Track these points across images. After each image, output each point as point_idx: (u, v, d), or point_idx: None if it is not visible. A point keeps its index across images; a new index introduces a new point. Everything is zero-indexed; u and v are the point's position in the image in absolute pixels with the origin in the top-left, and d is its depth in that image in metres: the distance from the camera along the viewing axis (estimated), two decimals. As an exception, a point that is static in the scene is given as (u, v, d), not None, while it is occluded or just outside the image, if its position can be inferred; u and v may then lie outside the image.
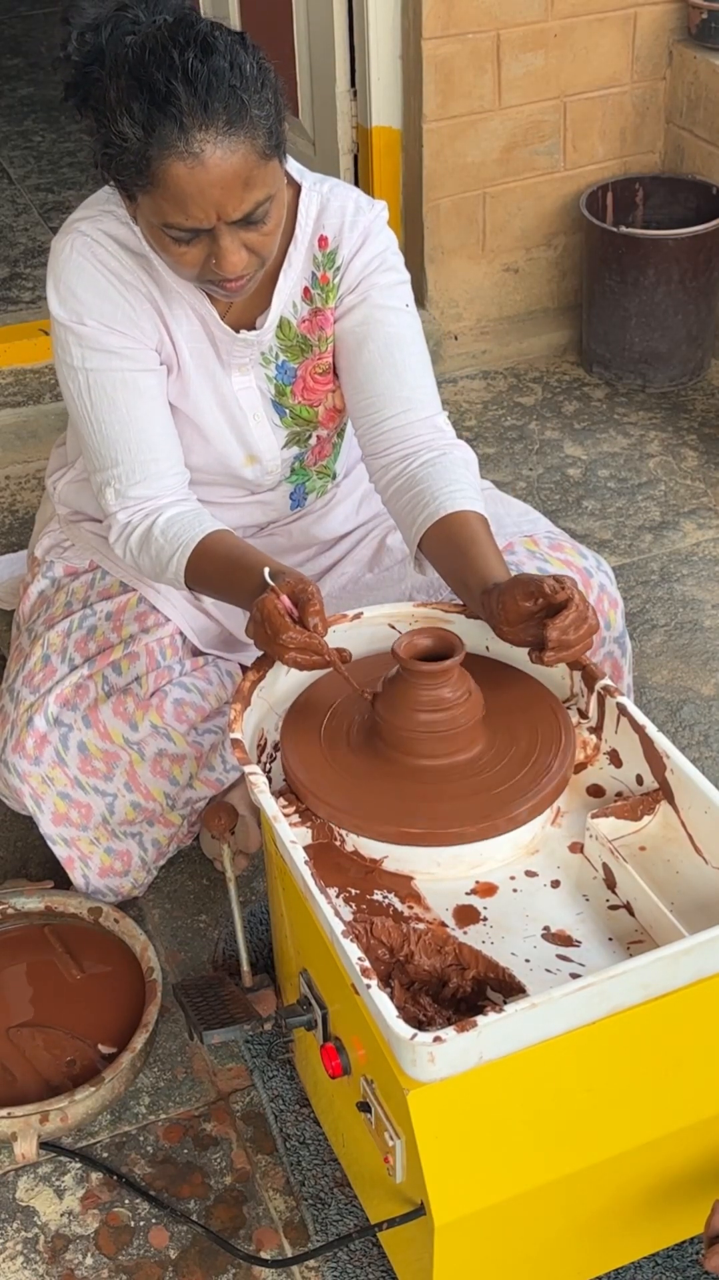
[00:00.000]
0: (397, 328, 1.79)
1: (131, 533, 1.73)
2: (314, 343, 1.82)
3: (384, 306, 1.79)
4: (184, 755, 1.87)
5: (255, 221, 1.56)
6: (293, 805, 1.48)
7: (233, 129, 1.49)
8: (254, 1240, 1.61)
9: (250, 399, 1.83)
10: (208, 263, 1.58)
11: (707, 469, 2.93)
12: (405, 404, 1.77)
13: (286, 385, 1.84)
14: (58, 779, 1.81)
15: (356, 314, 1.79)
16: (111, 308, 1.70)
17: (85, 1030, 1.77)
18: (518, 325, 3.32)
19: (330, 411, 1.90)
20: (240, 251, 1.57)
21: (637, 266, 3.02)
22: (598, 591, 1.87)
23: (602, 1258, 1.48)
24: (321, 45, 3.06)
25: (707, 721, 2.29)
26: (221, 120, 1.48)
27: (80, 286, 1.70)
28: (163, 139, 1.48)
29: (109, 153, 1.54)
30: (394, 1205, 1.36)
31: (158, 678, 1.86)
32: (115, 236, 1.70)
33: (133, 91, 1.49)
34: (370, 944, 1.37)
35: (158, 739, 1.85)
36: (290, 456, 1.90)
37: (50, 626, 1.89)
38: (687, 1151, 1.38)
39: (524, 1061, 1.25)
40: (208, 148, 1.48)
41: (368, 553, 2.02)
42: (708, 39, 3.05)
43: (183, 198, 1.51)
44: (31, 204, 3.97)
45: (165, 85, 1.47)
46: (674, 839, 1.47)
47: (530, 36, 2.96)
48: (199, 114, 1.47)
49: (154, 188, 1.52)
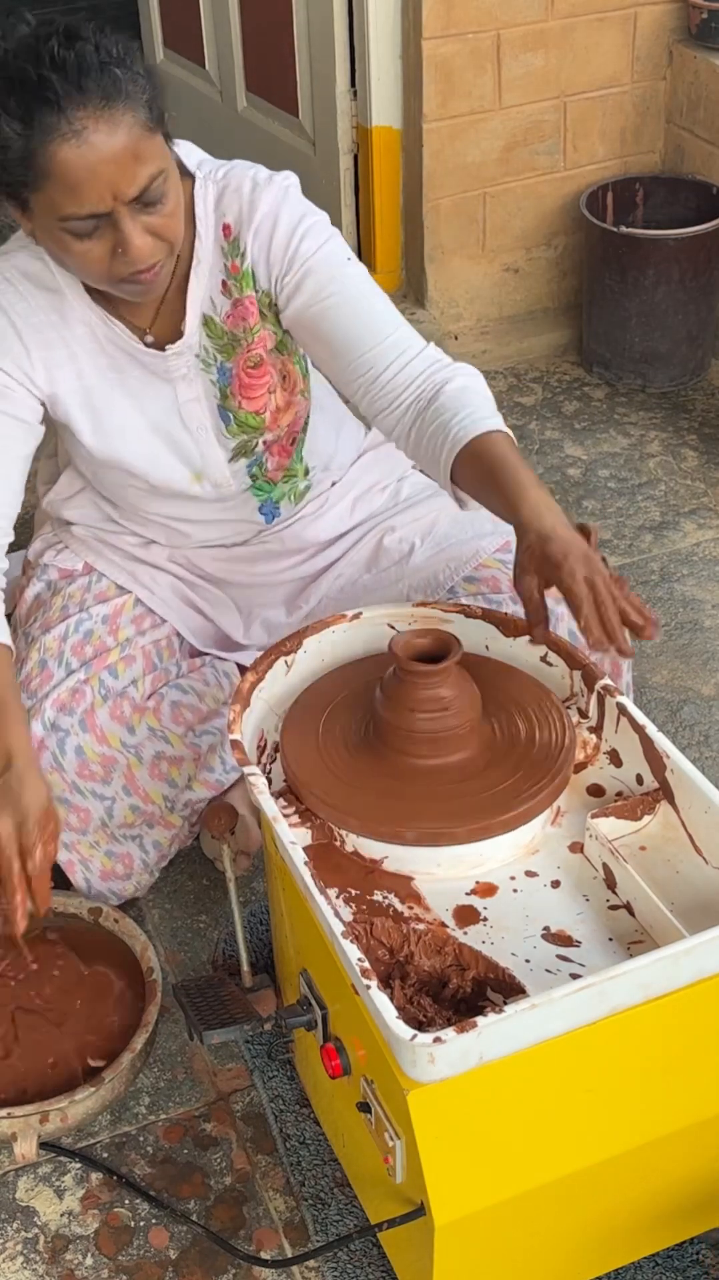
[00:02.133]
0: (351, 285, 1.72)
1: None
2: (241, 335, 1.77)
3: (329, 272, 1.71)
4: (182, 757, 1.87)
5: (152, 202, 1.53)
6: (293, 806, 1.48)
7: (110, 104, 1.47)
8: (254, 1240, 1.61)
9: (196, 411, 1.79)
10: (115, 256, 1.55)
11: (707, 469, 2.93)
12: (395, 350, 1.70)
13: (228, 386, 1.80)
14: (56, 784, 1.81)
15: (306, 289, 1.72)
16: (3, 344, 1.69)
17: (85, 1030, 1.77)
18: (518, 325, 3.32)
19: (276, 414, 1.85)
20: (144, 236, 1.54)
21: (637, 266, 3.02)
22: None
23: (602, 1258, 1.48)
24: (322, 45, 3.06)
25: (707, 721, 2.29)
26: (97, 97, 1.46)
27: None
28: (44, 126, 1.46)
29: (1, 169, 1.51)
30: (394, 1205, 1.36)
31: (154, 680, 1.86)
32: (27, 272, 1.69)
33: (6, 90, 1.47)
34: (370, 944, 1.37)
35: (155, 741, 1.85)
36: (241, 470, 1.86)
37: (46, 630, 1.88)
38: (687, 1152, 1.38)
39: (524, 1062, 1.25)
40: (89, 124, 1.46)
41: (365, 554, 2.02)
42: (708, 39, 3.05)
43: (74, 182, 1.48)
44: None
45: (36, 75, 1.45)
46: (674, 839, 1.47)
47: (530, 36, 2.96)
48: (74, 94, 1.45)
49: (45, 180, 1.49)
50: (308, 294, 1.72)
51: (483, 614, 1.65)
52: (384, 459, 2.07)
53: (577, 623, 1.42)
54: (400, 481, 2.05)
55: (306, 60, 3.15)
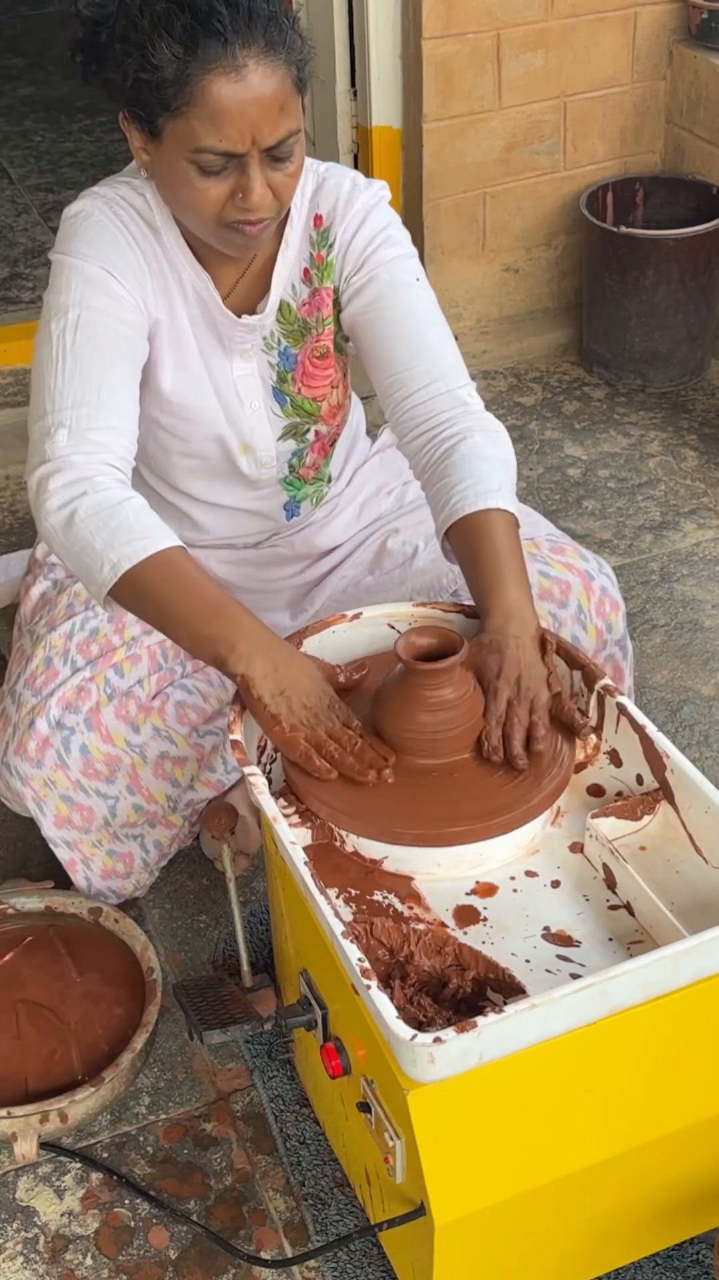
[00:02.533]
0: (409, 302, 1.76)
1: (88, 491, 1.57)
2: (313, 325, 1.81)
3: (393, 283, 1.76)
4: (186, 757, 1.87)
5: (282, 158, 1.56)
6: (293, 806, 1.48)
7: (273, 51, 1.50)
8: (254, 1240, 1.61)
9: (250, 386, 1.81)
10: (230, 200, 1.57)
11: (707, 469, 2.93)
12: (426, 377, 1.73)
13: (288, 372, 1.83)
14: (60, 782, 1.81)
15: (367, 293, 1.76)
16: (121, 260, 1.68)
17: (85, 1030, 1.77)
18: (518, 325, 3.32)
19: (332, 409, 1.89)
20: (265, 188, 1.56)
21: (637, 266, 3.02)
22: (599, 595, 1.87)
23: (602, 1258, 1.48)
24: (322, 45, 3.06)
25: (707, 721, 2.29)
26: (262, 41, 1.50)
27: (95, 234, 1.68)
28: (206, 54, 1.48)
29: (142, 78, 1.52)
30: (394, 1205, 1.36)
31: (160, 680, 1.86)
32: (133, 204, 1.70)
33: (172, 13, 1.49)
34: (370, 944, 1.37)
35: (160, 741, 1.85)
36: (287, 451, 1.88)
37: (52, 628, 1.88)
38: (687, 1152, 1.38)
39: (524, 1062, 1.25)
40: (250, 63, 1.49)
41: (369, 555, 2.02)
42: (708, 39, 3.05)
43: (221, 115, 1.50)
44: (31, 204, 3.97)
45: (207, 5, 1.48)
46: (674, 839, 1.47)
47: (530, 36, 2.96)
48: (243, 31, 1.48)
49: (191, 107, 1.51)
50: (367, 299, 1.76)
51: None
52: (389, 462, 2.08)
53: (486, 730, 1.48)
54: (405, 485, 2.06)
55: (306, 60, 3.15)
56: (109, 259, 1.67)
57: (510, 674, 1.51)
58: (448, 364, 1.75)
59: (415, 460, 1.75)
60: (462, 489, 1.65)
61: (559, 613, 1.82)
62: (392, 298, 1.76)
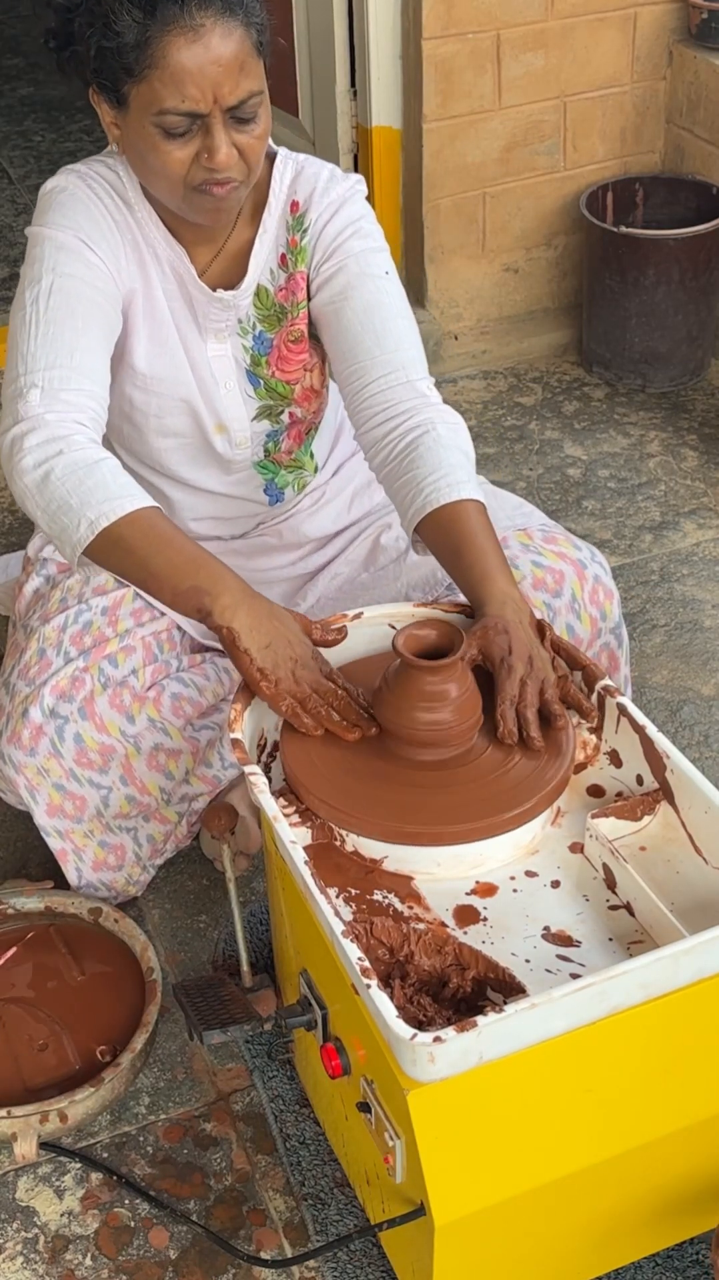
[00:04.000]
0: (375, 294, 1.78)
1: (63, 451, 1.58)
2: (288, 309, 1.82)
3: (362, 274, 1.78)
4: (180, 750, 1.87)
5: (245, 119, 1.59)
6: (293, 805, 1.48)
7: (230, 13, 1.54)
8: (254, 1240, 1.61)
9: (224, 367, 1.83)
10: (196, 162, 1.60)
11: (707, 469, 2.93)
12: (386, 367, 1.75)
13: (263, 355, 1.84)
14: (53, 770, 1.81)
15: (335, 282, 1.78)
16: (96, 230, 1.71)
17: (85, 1030, 1.77)
18: (518, 325, 3.32)
19: (307, 391, 1.89)
20: (231, 149, 1.59)
21: (637, 266, 3.02)
22: (593, 583, 1.87)
23: (602, 1258, 1.48)
24: (322, 45, 3.06)
25: (707, 721, 2.29)
26: (219, 3, 1.53)
27: (70, 206, 1.71)
28: (164, 17, 1.52)
29: (105, 46, 1.55)
30: (394, 1205, 1.36)
31: (155, 671, 1.86)
32: (106, 179, 1.73)
33: None
34: (370, 944, 1.37)
35: (154, 733, 1.85)
36: (262, 432, 1.89)
37: (46, 621, 1.89)
38: (687, 1152, 1.38)
39: (524, 1061, 1.25)
40: (208, 23, 1.53)
41: (362, 552, 2.02)
42: (708, 39, 3.05)
43: (182, 75, 1.53)
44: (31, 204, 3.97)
45: None
46: (674, 839, 1.47)
47: (530, 36, 2.96)
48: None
49: (153, 70, 1.54)
50: (335, 288, 1.78)
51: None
52: None
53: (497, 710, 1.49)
54: None
55: (306, 60, 3.15)
56: (84, 229, 1.70)
57: (521, 652, 1.51)
58: (408, 356, 1.77)
59: (374, 450, 1.76)
60: (433, 480, 1.66)
61: (553, 602, 1.83)
62: (358, 289, 1.77)
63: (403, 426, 1.73)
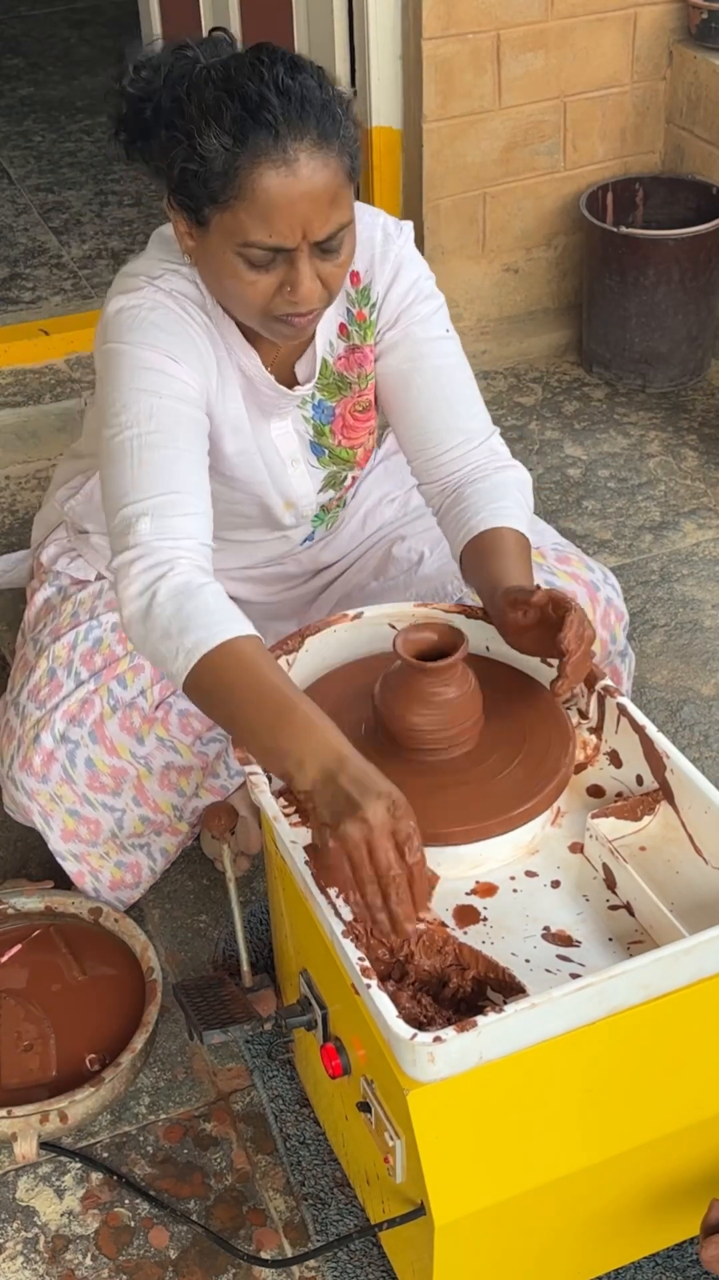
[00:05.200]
0: (442, 358, 1.76)
1: (166, 575, 1.51)
2: (353, 380, 1.78)
3: (427, 339, 1.75)
4: (191, 766, 1.87)
5: (332, 250, 1.52)
6: (293, 805, 1.48)
7: (325, 143, 1.46)
8: (254, 1240, 1.61)
9: (288, 444, 1.79)
10: (279, 293, 1.53)
11: (707, 469, 2.93)
12: (461, 434, 1.74)
13: (325, 425, 1.80)
14: (66, 796, 1.81)
15: (400, 350, 1.75)
16: (181, 347, 1.62)
17: (76, 1035, 1.77)
18: (518, 325, 3.32)
19: (366, 453, 1.88)
20: (315, 281, 1.53)
21: (637, 266, 3.02)
22: (604, 605, 1.87)
23: (602, 1258, 1.48)
24: (322, 45, 3.06)
25: (707, 721, 2.29)
26: (314, 133, 1.45)
27: (158, 322, 1.62)
28: (255, 147, 1.44)
29: (189, 168, 1.48)
30: (394, 1205, 1.36)
31: (162, 689, 1.85)
32: (187, 294, 1.65)
33: (221, 102, 1.45)
34: (370, 944, 1.37)
35: (164, 752, 1.84)
36: (325, 499, 1.87)
37: (56, 638, 1.87)
38: (687, 1152, 1.38)
39: (524, 1061, 1.25)
40: (302, 157, 1.45)
41: (373, 562, 2.02)
42: (708, 39, 3.05)
43: (271, 210, 1.46)
44: (31, 204, 3.97)
45: (258, 95, 1.43)
46: (674, 839, 1.47)
47: (530, 36, 2.95)
48: (294, 123, 1.44)
49: (239, 201, 1.47)
50: (401, 355, 1.76)
51: (483, 614, 1.65)
52: (394, 471, 2.07)
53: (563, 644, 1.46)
54: (409, 492, 2.06)
55: (307, 60, 3.15)
56: (170, 346, 1.62)
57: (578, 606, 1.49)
58: (479, 421, 1.77)
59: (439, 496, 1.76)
60: (491, 507, 1.67)
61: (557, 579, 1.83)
62: (424, 355, 1.75)
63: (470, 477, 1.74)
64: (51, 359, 3.14)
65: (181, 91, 1.49)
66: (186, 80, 1.49)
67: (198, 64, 1.51)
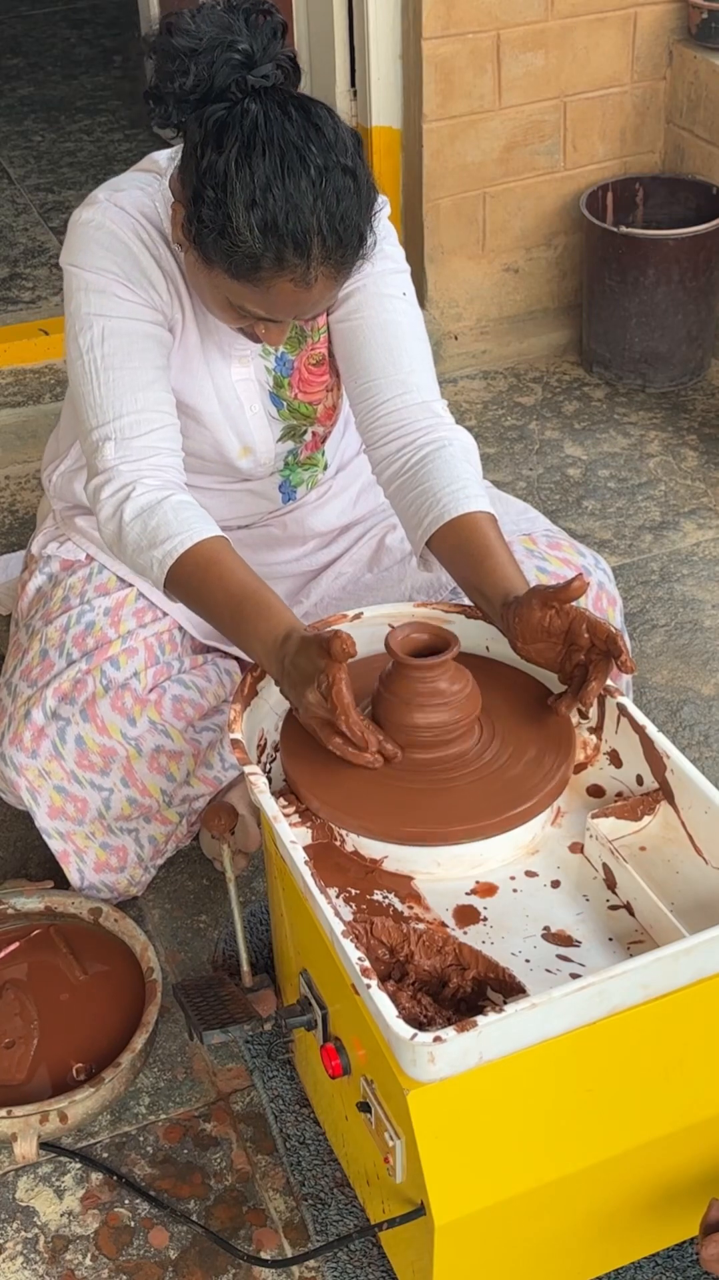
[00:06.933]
0: (392, 314, 1.78)
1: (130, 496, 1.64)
2: (308, 333, 1.83)
3: (380, 294, 1.78)
4: (181, 752, 1.87)
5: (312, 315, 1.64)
6: (293, 805, 1.48)
7: (346, 263, 1.55)
8: (254, 1240, 1.61)
9: (249, 390, 1.83)
10: (254, 327, 1.63)
11: (707, 469, 2.93)
12: (401, 387, 1.76)
13: (285, 377, 1.84)
14: (54, 772, 1.81)
15: (352, 301, 1.79)
16: (134, 267, 1.69)
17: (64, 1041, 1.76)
18: (518, 325, 3.32)
19: (328, 410, 1.91)
20: (287, 329, 1.64)
21: (637, 266, 3.02)
22: (596, 589, 1.88)
23: (602, 1258, 1.48)
24: (322, 45, 3.06)
25: (707, 721, 2.29)
26: (338, 257, 1.53)
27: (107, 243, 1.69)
28: (283, 260, 1.51)
29: (209, 229, 1.51)
30: (394, 1205, 1.36)
31: (156, 674, 1.86)
32: (144, 211, 1.70)
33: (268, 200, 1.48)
34: (370, 944, 1.37)
35: (156, 735, 1.85)
36: (284, 450, 1.91)
37: (48, 622, 1.89)
38: (687, 1152, 1.38)
39: (524, 1061, 1.25)
40: (322, 277, 1.54)
41: (367, 552, 2.02)
42: (708, 39, 3.05)
43: (276, 304, 1.56)
44: (31, 204, 3.97)
45: (302, 230, 1.48)
46: (674, 839, 1.47)
47: (530, 36, 2.96)
48: (328, 259, 1.52)
49: (249, 284, 1.54)
50: (351, 306, 1.79)
51: (483, 614, 1.65)
52: None
53: None
54: None
55: (306, 60, 3.15)
56: (122, 268, 1.69)
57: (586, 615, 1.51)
58: (422, 378, 1.79)
59: (384, 464, 1.77)
60: (451, 491, 1.68)
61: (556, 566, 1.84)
62: (375, 308, 1.78)
63: (416, 443, 1.74)
64: (51, 359, 3.14)
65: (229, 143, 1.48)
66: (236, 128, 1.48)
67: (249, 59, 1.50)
